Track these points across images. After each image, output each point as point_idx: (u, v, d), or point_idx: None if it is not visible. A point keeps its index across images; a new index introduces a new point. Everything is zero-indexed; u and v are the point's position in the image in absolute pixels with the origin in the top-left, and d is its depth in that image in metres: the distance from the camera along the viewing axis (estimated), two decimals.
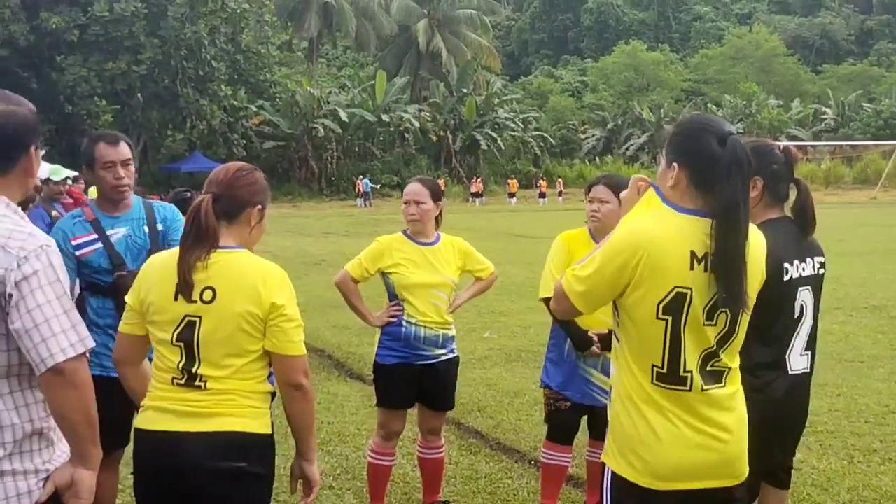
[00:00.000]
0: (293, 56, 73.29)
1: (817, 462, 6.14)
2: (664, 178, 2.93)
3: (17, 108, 2.57)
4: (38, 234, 2.50)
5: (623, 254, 2.81)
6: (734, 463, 2.92)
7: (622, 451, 2.91)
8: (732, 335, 2.86)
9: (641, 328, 2.82)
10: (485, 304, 13.16)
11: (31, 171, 2.62)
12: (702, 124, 2.94)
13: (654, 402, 2.83)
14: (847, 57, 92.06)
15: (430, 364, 5.15)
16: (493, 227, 29.64)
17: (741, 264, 2.79)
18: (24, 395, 2.52)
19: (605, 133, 75.80)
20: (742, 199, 2.79)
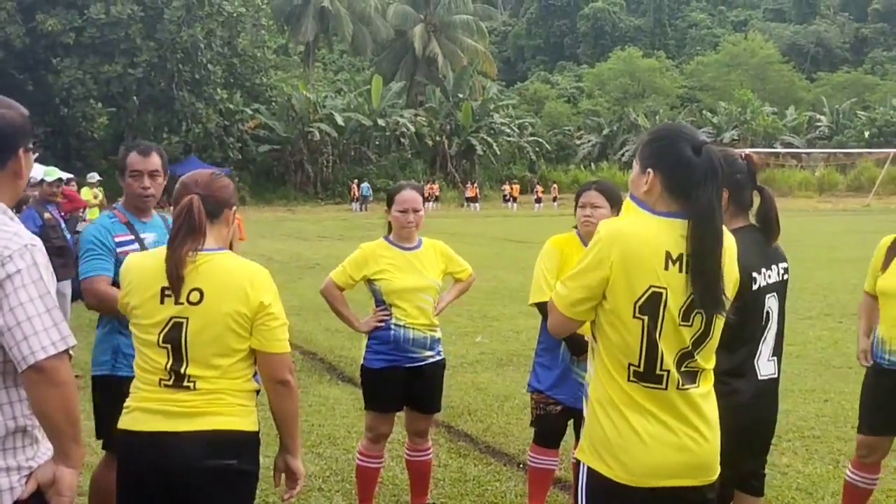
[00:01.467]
0: (289, 60, 73.33)
1: (803, 467, 6.20)
2: (638, 184, 2.99)
3: (6, 111, 2.60)
4: (23, 233, 2.53)
5: (598, 250, 2.88)
6: (708, 463, 2.97)
7: (599, 451, 2.95)
8: (707, 337, 2.91)
9: (619, 328, 2.87)
10: (477, 309, 13.22)
11: (21, 174, 2.64)
12: (677, 132, 3.00)
13: (633, 403, 2.88)
14: (842, 65, 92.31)
15: (418, 367, 5.20)
16: (488, 233, 29.71)
17: (717, 267, 2.84)
18: (7, 393, 2.55)
19: (600, 139, 75.93)
20: (717, 205, 2.86)
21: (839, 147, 66.94)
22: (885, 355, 4.79)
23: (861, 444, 4.95)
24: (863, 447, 4.92)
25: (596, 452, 2.96)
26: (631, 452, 2.87)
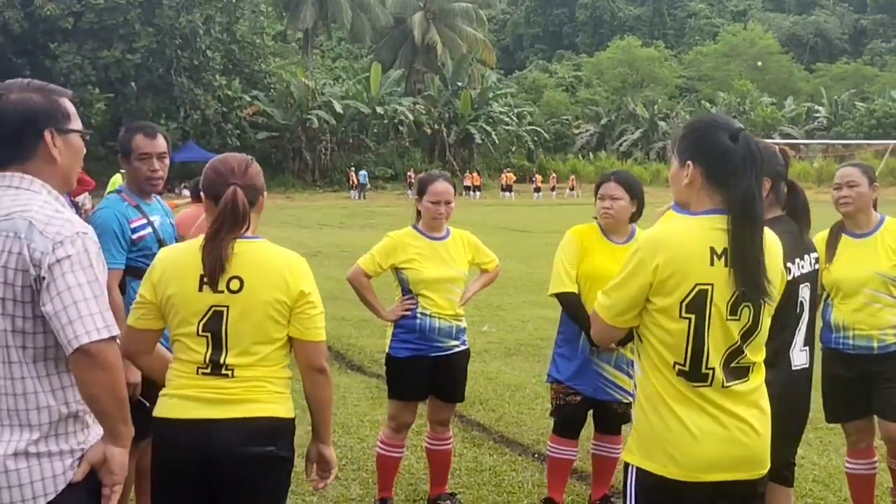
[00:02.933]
0: (288, 47, 73.13)
1: (818, 458, 6.21)
2: (678, 178, 2.98)
3: (30, 95, 2.58)
4: (75, 220, 2.53)
5: (639, 259, 2.88)
6: (759, 456, 2.96)
7: (649, 448, 2.93)
8: (756, 330, 2.90)
9: (665, 327, 2.86)
10: (482, 298, 13.17)
11: (52, 157, 2.60)
12: (713, 122, 3.00)
13: (682, 398, 2.87)
14: (841, 56, 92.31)
15: (444, 356, 5.20)
16: (488, 222, 29.67)
17: (760, 255, 2.83)
18: (59, 378, 2.56)
19: (598, 128, 75.90)
20: (757, 192, 2.85)
21: (838, 138, 66.94)
22: (850, 341, 4.83)
23: (848, 432, 5.03)
24: (851, 434, 5.00)
25: (645, 451, 2.95)
26: (681, 447, 2.86)
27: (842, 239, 4.90)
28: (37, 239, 2.44)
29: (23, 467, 2.48)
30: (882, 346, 4.80)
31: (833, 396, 4.99)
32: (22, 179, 2.55)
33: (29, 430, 2.51)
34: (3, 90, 2.58)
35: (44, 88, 2.63)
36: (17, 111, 2.55)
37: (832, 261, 4.87)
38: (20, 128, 2.56)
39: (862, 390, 4.87)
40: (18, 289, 2.46)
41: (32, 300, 2.47)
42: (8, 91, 2.58)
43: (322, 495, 5.45)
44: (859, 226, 4.89)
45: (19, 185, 2.54)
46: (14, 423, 2.51)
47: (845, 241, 4.89)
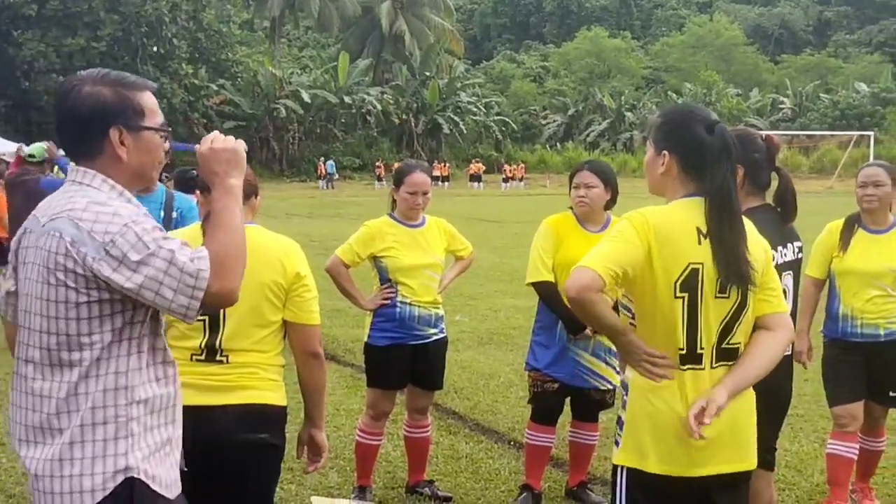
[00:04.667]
0: (255, 35, 72.65)
1: (790, 445, 6.31)
2: (654, 166, 3.03)
3: (99, 89, 2.44)
4: (123, 211, 2.37)
5: (630, 226, 2.87)
6: (745, 445, 3.00)
7: (639, 441, 2.93)
8: (745, 308, 2.93)
9: (660, 310, 2.87)
10: (454, 288, 13.10)
11: (118, 156, 2.44)
12: (689, 113, 3.05)
13: (673, 386, 2.88)
14: (805, 47, 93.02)
15: (423, 344, 5.23)
16: (458, 212, 29.62)
17: (737, 241, 2.87)
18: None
19: (566, 119, 76.05)
20: (731, 182, 2.90)
21: (802, 129, 67.53)
22: (858, 329, 5.13)
23: (840, 415, 5.20)
24: (844, 417, 5.18)
25: (636, 444, 2.94)
26: (671, 434, 2.88)
27: (857, 232, 5.15)
28: (87, 241, 2.30)
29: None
30: (888, 332, 5.11)
31: (836, 381, 5.23)
32: (85, 174, 2.44)
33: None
34: (77, 82, 2.46)
35: (119, 81, 2.47)
36: (85, 106, 2.42)
37: (846, 251, 5.13)
38: (87, 124, 2.43)
39: (863, 375, 5.15)
40: (63, 290, 2.33)
41: (77, 301, 2.33)
42: (82, 83, 2.45)
43: (300, 483, 5.48)
44: (877, 222, 5.16)
45: (81, 181, 2.44)
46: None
47: (861, 235, 5.15)
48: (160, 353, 2.48)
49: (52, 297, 2.33)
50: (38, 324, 2.36)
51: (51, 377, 2.36)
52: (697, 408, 2.79)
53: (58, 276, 2.32)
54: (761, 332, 3.00)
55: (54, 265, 2.32)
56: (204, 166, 2.51)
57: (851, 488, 5.35)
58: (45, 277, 2.33)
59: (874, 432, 5.40)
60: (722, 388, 2.85)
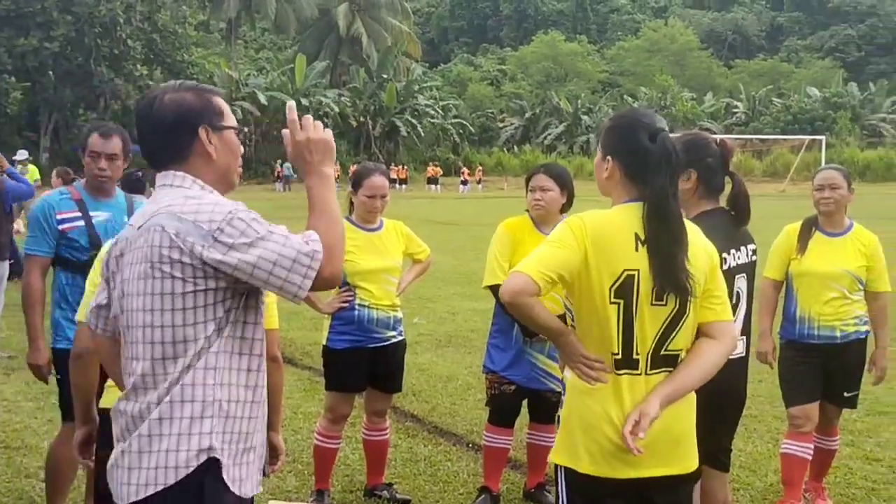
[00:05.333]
0: (211, 37, 72.15)
1: (744, 445, 6.39)
2: (600, 170, 3.07)
3: (184, 94, 2.56)
4: (222, 201, 2.47)
5: (562, 230, 2.90)
6: (681, 449, 3.01)
7: (575, 441, 2.95)
8: (684, 316, 2.93)
9: (595, 314, 2.89)
10: (412, 291, 13.12)
11: (209, 154, 2.55)
12: (634, 120, 3.07)
13: (608, 389, 2.89)
14: (758, 52, 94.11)
15: (382, 346, 5.24)
16: (416, 215, 29.65)
17: (675, 249, 2.88)
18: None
19: (523, 122, 76.32)
20: (671, 191, 2.91)
21: (755, 133, 68.31)
22: (815, 331, 5.23)
23: (796, 416, 5.28)
24: (799, 418, 5.26)
25: (572, 444, 2.96)
26: (605, 436, 2.89)
27: (814, 234, 5.26)
28: (192, 231, 2.37)
29: None
30: (844, 335, 5.23)
31: (792, 382, 5.33)
32: (175, 177, 2.53)
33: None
34: (157, 94, 2.57)
35: (196, 87, 2.62)
36: (171, 111, 2.53)
37: (804, 253, 5.23)
38: (175, 127, 2.52)
39: (819, 377, 5.25)
40: (168, 281, 2.39)
41: (183, 291, 2.39)
42: (162, 93, 2.57)
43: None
44: (833, 225, 5.28)
45: (171, 183, 2.52)
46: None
47: (818, 238, 5.26)
48: (257, 344, 2.57)
49: (157, 290, 2.40)
50: (142, 320, 2.42)
51: (162, 370, 2.43)
52: (631, 422, 2.81)
53: (163, 269, 2.38)
54: (702, 341, 3.01)
55: (158, 258, 2.39)
56: (297, 154, 2.58)
57: (805, 488, 5.43)
58: (149, 272, 2.40)
59: (828, 432, 5.49)
60: (655, 397, 2.86)
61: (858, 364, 5.37)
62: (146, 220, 2.45)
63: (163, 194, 2.51)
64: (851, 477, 5.89)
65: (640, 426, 2.80)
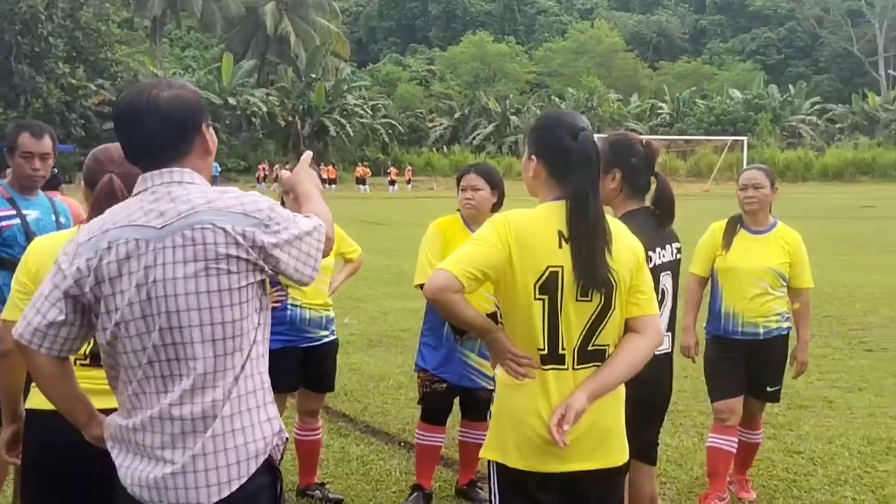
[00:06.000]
0: (135, 35, 70.96)
1: (670, 440, 6.52)
2: (526, 170, 3.13)
3: (181, 91, 2.57)
4: (253, 192, 2.58)
5: (492, 228, 2.95)
6: (610, 443, 3.06)
7: (504, 436, 2.99)
8: (609, 311, 2.99)
9: (520, 311, 2.94)
10: (343, 290, 13.06)
11: (209, 150, 2.63)
12: (557, 120, 3.13)
13: (535, 384, 2.94)
14: (682, 55, 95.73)
15: (314, 346, 5.24)
16: (345, 215, 29.57)
17: (596, 246, 2.93)
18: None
19: (452, 122, 76.64)
20: (590, 189, 2.97)
21: (680, 134, 69.46)
22: (739, 327, 5.39)
23: (721, 410, 5.42)
24: (724, 412, 5.40)
25: (502, 440, 3.00)
26: (534, 430, 2.93)
27: (739, 232, 5.42)
28: (247, 222, 2.44)
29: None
30: (766, 331, 5.38)
31: (717, 377, 5.47)
32: (182, 173, 2.53)
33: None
34: (153, 87, 2.56)
35: (187, 86, 2.66)
36: (177, 108, 2.53)
37: (729, 250, 5.39)
38: (184, 124, 2.53)
39: (742, 371, 5.40)
40: (225, 277, 2.43)
41: (239, 286, 2.46)
42: (158, 89, 2.55)
43: None
44: (758, 223, 5.44)
45: (182, 180, 2.52)
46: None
47: (743, 235, 5.42)
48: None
49: (215, 287, 2.42)
50: (199, 318, 2.42)
51: (223, 366, 2.45)
52: (557, 416, 2.86)
53: (219, 266, 2.41)
54: (629, 336, 3.08)
55: (215, 256, 2.41)
56: (291, 181, 2.87)
57: (729, 480, 5.56)
58: (204, 270, 2.41)
59: (752, 425, 5.64)
60: (581, 392, 2.92)
61: (781, 359, 5.53)
62: (175, 219, 2.42)
63: (180, 191, 2.48)
64: (773, 469, 6.05)
65: (566, 420, 2.85)
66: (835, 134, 72.28)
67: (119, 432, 2.55)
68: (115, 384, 2.59)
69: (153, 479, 2.46)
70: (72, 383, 2.64)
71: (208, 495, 2.44)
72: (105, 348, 2.53)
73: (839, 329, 11.01)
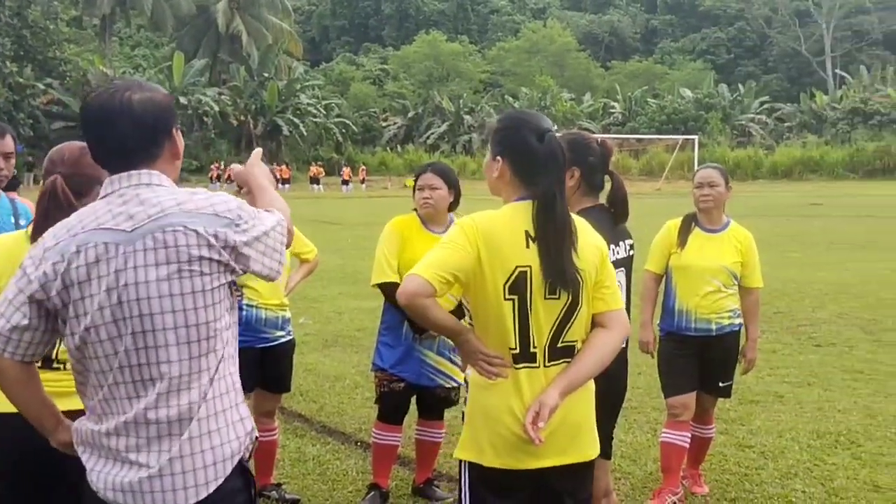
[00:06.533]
0: (84, 33, 70.06)
1: (625, 435, 6.59)
2: (490, 170, 3.16)
3: (152, 94, 2.55)
4: (220, 192, 2.59)
5: (460, 231, 2.98)
6: (581, 438, 3.12)
7: (478, 436, 3.03)
8: (577, 307, 3.04)
9: (491, 312, 2.97)
10: (298, 290, 13.00)
11: (178, 153, 2.63)
12: (522, 121, 3.17)
13: (508, 383, 2.98)
14: (634, 54, 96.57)
15: (270, 347, 5.23)
16: (300, 214, 29.37)
17: (561, 244, 2.98)
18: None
19: (406, 121, 76.63)
20: (558, 190, 3.02)
21: (632, 133, 70.09)
22: (692, 324, 5.46)
23: (674, 405, 5.51)
24: (677, 407, 5.49)
25: (475, 439, 3.04)
26: (508, 428, 2.97)
27: (694, 230, 5.49)
28: (218, 223, 2.44)
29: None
30: (719, 327, 5.47)
31: (670, 373, 5.55)
32: (151, 175, 2.52)
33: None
34: (125, 89, 2.54)
35: (155, 87, 2.63)
36: (149, 111, 2.51)
37: (684, 248, 5.47)
38: (156, 127, 2.52)
39: (695, 367, 5.49)
40: (198, 279, 2.42)
41: (212, 287, 2.46)
42: (129, 92, 2.53)
43: None
44: (712, 222, 5.52)
45: (150, 182, 2.51)
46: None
47: (697, 233, 5.49)
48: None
49: (189, 290, 2.41)
50: (173, 321, 2.41)
51: (198, 368, 2.45)
52: (531, 414, 2.90)
53: (192, 268, 2.41)
54: (596, 331, 3.13)
55: (187, 258, 2.40)
56: (243, 175, 2.97)
57: (682, 475, 5.64)
58: (177, 273, 2.40)
59: (704, 421, 5.72)
60: (553, 388, 2.96)
61: (732, 355, 5.62)
62: (144, 222, 2.41)
63: (149, 194, 2.47)
64: (726, 463, 6.14)
65: (540, 417, 2.89)
66: (783, 133, 73.35)
67: (91, 437, 2.52)
68: (83, 389, 2.56)
69: (128, 484, 2.44)
70: (37, 388, 2.61)
71: (185, 498, 2.43)
72: (74, 353, 2.50)
73: (789, 325, 11.19)
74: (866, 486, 5.69)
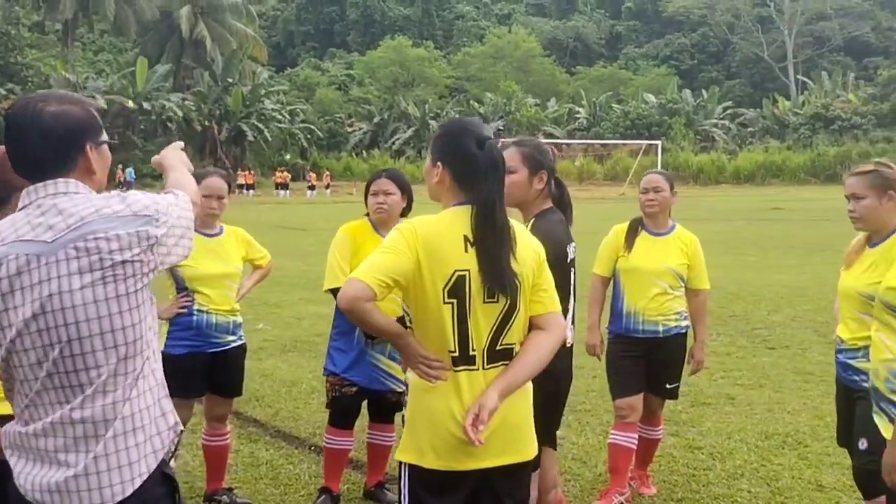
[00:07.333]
0: (46, 38, 69.35)
1: (577, 438, 6.67)
2: (430, 176, 3.21)
3: (69, 107, 2.55)
4: (139, 193, 2.62)
5: (400, 236, 3.03)
6: (520, 438, 3.17)
7: (418, 438, 3.08)
8: (515, 311, 3.09)
9: (430, 315, 3.02)
10: (257, 296, 13.14)
11: (92, 169, 2.60)
12: (463, 128, 3.22)
13: (448, 386, 3.03)
14: (598, 60, 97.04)
15: (221, 351, 5.25)
16: (264, 220, 29.40)
17: (501, 250, 3.04)
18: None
19: (371, 127, 76.54)
20: (497, 196, 3.08)
21: (596, 138, 70.41)
22: (640, 325, 5.56)
23: (622, 407, 5.60)
24: (624, 409, 5.58)
25: (416, 442, 3.09)
26: (447, 431, 3.02)
27: (640, 234, 5.60)
28: (137, 222, 2.49)
29: None
30: (666, 329, 5.56)
31: (618, 375, 5.64)
32: (67, 184, 2.53)
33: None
34: (40, 100, 2.55)
35: (79, 100, 2.62)
36: (60, 124, 2.51)
37: (630, 251, 5.56)
38: (64, 141, 2.52)
39: (643, 369, 5.58)
40: (122, 283, 2.47)
41: (135, 289, 2.51)
42: (45, 103, 2.54)
43: None
44: (658, 225, 5.63)
45: (67, 190, 2.52)
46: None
47: (643, 237, 5.60)
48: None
49: (112, 294, 2.45)
50: (99, 327, 2.44)
51: (123, 369, 2.49)
52: (471, 416, 2.95)
53: (115, 273, 2.44)
54: (534, 333, 3.19)
55: (111, 263, 2.44)
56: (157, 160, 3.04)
57: (630, 476, 5.72)
58: (100, 280, 2.43)
59: (652, 422, 5.81)
60: (493, 390, 3.02)
61: (679, 357, 5.72)
62: (64, 232, 2.42)
63: (67, 203, 2.48)
64: (674, 464, 6.23)
65: (479, 419, 2.94)
66: (746, 138, 73.96)
67: (18, 439, 2.53)
68: (10, 395, 2.59)
69: (54, 484, 2.46)
70: None
71: (112, 495, 2.46)
72: (0, 364, 2.53)
73: (744, 328, 11.34)
74: (811, 485, 5.80)
